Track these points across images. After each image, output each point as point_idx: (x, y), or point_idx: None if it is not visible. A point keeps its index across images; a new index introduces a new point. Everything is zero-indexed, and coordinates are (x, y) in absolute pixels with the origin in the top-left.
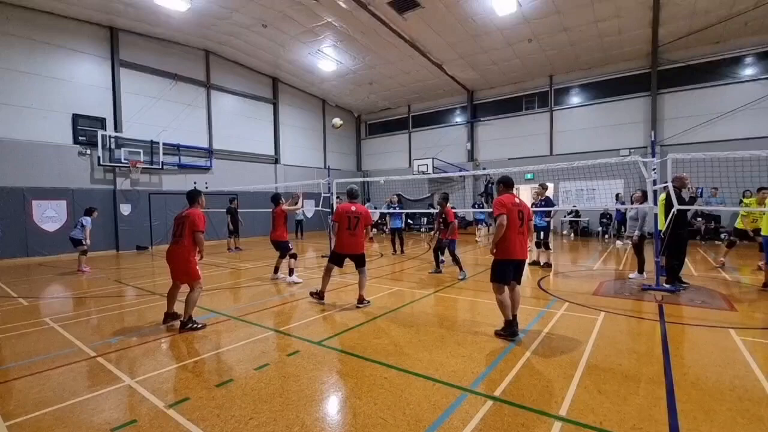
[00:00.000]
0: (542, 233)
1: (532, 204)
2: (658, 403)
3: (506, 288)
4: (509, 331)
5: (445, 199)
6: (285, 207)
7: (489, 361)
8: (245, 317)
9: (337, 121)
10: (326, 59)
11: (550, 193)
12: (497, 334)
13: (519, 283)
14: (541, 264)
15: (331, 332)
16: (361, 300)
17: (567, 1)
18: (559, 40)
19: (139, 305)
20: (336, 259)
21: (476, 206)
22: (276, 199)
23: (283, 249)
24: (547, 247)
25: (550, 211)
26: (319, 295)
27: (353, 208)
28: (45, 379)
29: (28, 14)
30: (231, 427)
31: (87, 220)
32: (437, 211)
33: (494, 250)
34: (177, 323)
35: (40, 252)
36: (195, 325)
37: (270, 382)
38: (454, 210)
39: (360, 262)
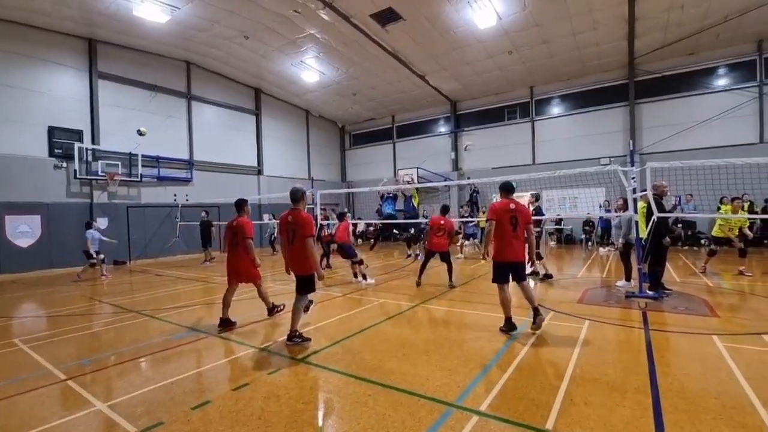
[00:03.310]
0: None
1: None
2: (645, 414)
3: (506, 287)
4: (508, 326)
5: (445, 209)
6: None
7: (474, 373)
8: (224, 334)
9: None
10: (309, 70)
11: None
12: (501, 330)
13: (523, 280)
14: (541, 276)
15: (315, 348)
16: (292, 335)
17: (545, 15)
18: (539, 52)
19: (115, 323)
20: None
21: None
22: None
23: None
24: (539, 257)
25: (540, 221)
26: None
27: (290, 218)
28: (12, 405)
29: (6, 27)
30: None
31: (90, 233)
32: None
33: (485, 254)
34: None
35: (13, 269)
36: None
37: (249, 403)
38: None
39: (300, 285)
